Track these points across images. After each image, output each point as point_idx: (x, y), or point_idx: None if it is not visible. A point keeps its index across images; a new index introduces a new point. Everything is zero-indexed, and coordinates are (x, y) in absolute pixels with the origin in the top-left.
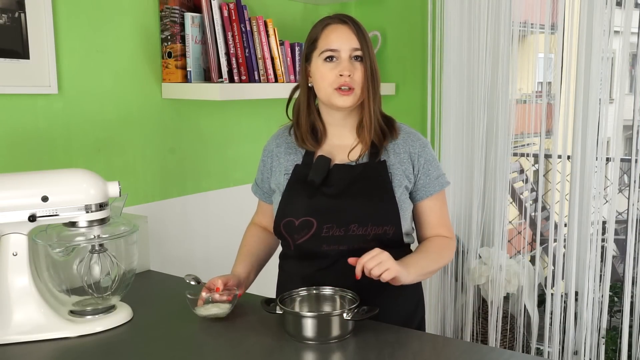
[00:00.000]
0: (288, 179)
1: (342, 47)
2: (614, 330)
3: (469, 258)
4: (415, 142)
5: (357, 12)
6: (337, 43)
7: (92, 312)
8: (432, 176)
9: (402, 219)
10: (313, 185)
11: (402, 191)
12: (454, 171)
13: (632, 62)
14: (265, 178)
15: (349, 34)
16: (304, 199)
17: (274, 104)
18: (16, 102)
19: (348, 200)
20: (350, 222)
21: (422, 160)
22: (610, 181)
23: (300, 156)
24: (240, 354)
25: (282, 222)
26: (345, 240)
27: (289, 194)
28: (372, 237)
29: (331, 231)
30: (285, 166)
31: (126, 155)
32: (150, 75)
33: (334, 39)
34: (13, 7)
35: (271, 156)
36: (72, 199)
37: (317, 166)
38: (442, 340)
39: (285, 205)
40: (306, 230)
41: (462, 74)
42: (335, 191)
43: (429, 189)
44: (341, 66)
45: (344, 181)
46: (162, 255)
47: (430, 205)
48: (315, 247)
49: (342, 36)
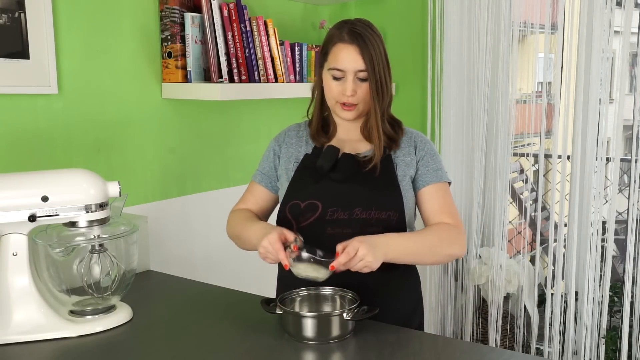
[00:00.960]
0: (297, 167)
1: (348, 68)
2: (614, 330)
3: (469, 258)
4: (419, 137)
5: (357, 12)
6: (343, 64)
7: (92, 312)
8: (430, 167)
9: (405, 207)
10: (322, 170)
11: (407, 180)
12: (454, 171)
13: (632, 62)
14: (273, 166)
15: (355, 55)
16: (311, 183)
17: (274, 104)
18: (16, 102)
19: (354, 185)
20: (354, 206)
21: (422, 152)
22: (610, 181)
23: (310, 148)
24: (240, 354)
25: (288, 205)
26: (350, 223)
27: (296, 179)
28: (375, 222)
29: (336, 214)
30: (295, 155)
31: (126, 155)
32: (150, 75)
33: (341, 59)
34: (13, 7)
35: (280, 144)
36: (72, 199)
37: (326, 153)
38: (442, 340)
39: (292, 189)
40: (311, 213)
41: (462, 74)
42: (342, 177)
43: (425, 178)
44: (345, 85)
45: (350, 169)
46: (162, 255)
47: (429, 194)
48: (320, 230)
49: (347, 57)
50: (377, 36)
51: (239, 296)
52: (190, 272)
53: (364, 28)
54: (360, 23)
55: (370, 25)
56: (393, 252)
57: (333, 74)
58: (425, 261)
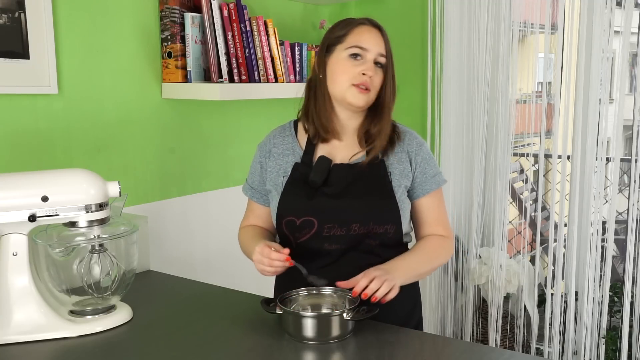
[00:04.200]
0: (287, 180)
1: (371, 49)
2: (614, 330)
3: (469, 258)
4: (412, 141)
5: (357, 12)
6: (367, 43)
7: (92, 312)
8: (428, 174)
9: (402, 218)
10: (314, 185)
11: (402, 191)
12: (454, 171)
13: (632, 62)
14: (262, 180)
15: (379, 39)
16: (303, 200)
17: (274, 104)
18: (16, 102)
19: (348, 199)
20: (351, 222)
21: (419, 158)
22: (610, 181)
23: (298, 157)
24: (240, 354)
25: (283, 221)
26: (347, 239)
27: (287, 194)
28: (373, 236)
29: (332, 230)
30: (284, 168)
31: (126, 155)
32: (150, 75)
33: (367, 38)
34: (13, 7)
35: (268, 156)
36: (72, 199)
37: (318, 167)
38: (442, 340)
39: (284, 205)
40: (307, 229)
41: (462, 74)
42: (336, 191)
43: (425, 187)
44: (366, 65)
45: (343, 181)
46: (162, 255)
47: (427, 204)
48: (317, 245)
49: (373, 38)
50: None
51: (239, 296)
52: (190, 272)
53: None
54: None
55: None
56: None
57: (354, 52)
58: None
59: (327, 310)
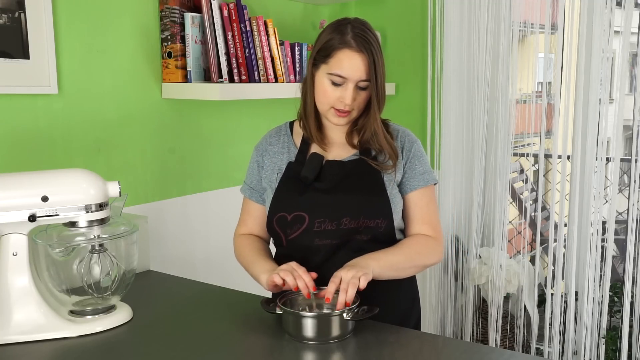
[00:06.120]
0: (280, 177)
1: (351, 77)
2: (614, 330)
3: (469, 258)
4: (405, 138)
5: (357, 12)
6: (347, 72)
7: (92, 312)
8: (417, 171)
9: (393, 213)
10: (306, 181)
11: (393, 185)
12: (454, 171)
13: (632, 62)
14: (260, 178)
15: (360, 65)
16: (295, 195)
17: (274, 104)
18: (16, 102)
19: (340, 194)
20: (342, 216)
21: (410, 154)
22: (610, 181)
23: (292, 156)
24: (240, 354)
25: (274, 218)
26: (338, 234)
27: (281, 190)
28: (364, 231)
29: (323, 225)
30: (278, 165)
31: (126, 155)
32: (150, 75)
33: (346, 66)
34: (13, 7)
35: (263, 155)
36: (72, 199)
37: (310, 163)
38: (442, 340)
39: (277, 201)
40: (298, 225)
41: (462, 74)
42: (327, 186)
43: (412, 183)
44: (345, 93)
45: (336, 177)
46: (162, 255)
47: (414, 200)
48: (308, 241)
49: (353, 66)
50: (377, 39)
51: (239, 296)
52: (190, 272)
53: (367, 32)
54: (362, 26)
55: (370, 27)
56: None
57: (333, 80)
58: (403, 275)
59: (327, 310)
